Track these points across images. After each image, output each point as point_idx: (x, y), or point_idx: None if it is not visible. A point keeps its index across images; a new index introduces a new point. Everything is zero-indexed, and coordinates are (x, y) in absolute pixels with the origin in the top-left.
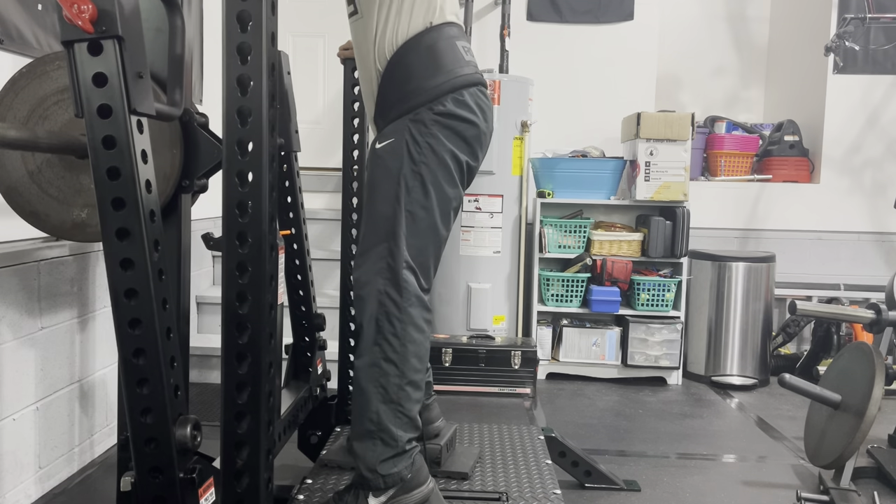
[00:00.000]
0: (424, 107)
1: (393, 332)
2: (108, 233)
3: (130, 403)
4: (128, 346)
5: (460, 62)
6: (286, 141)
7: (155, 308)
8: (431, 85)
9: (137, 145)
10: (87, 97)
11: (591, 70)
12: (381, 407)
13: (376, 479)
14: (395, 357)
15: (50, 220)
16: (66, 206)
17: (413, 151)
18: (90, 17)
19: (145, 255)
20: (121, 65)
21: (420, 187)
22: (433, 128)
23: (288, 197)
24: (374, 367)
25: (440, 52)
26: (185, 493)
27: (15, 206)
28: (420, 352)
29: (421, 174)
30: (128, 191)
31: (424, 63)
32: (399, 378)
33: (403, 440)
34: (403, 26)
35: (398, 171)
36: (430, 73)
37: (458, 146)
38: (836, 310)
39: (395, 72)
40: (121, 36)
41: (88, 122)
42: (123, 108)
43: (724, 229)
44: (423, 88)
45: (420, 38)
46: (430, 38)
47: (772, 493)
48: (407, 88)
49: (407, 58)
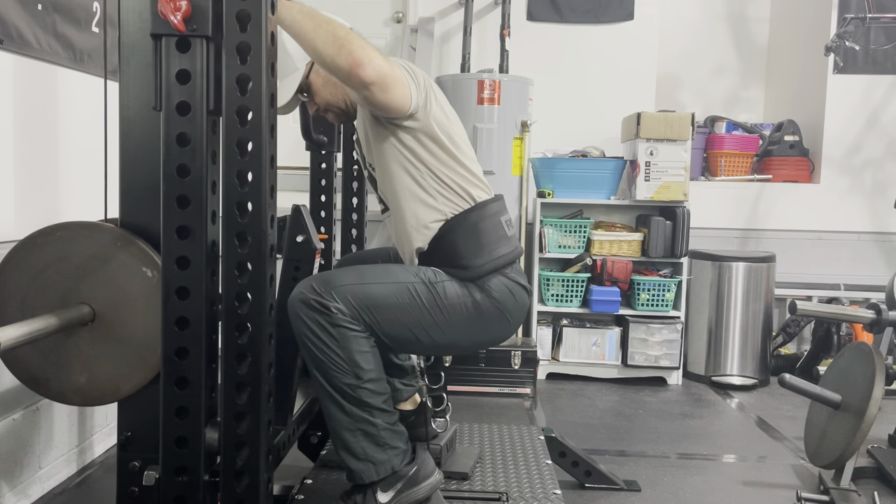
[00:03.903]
0: (474, 283)
1: (331, 337)
2: (169, 229)
3: (166, 402)
4: (172, 345)
5: (502, 240)
6: (328, 140)
7: (204, 309)
8: (477, 263)
9: (209, 145)
10: (168, 92)
11: (591, 70)
12: (350, 407)
13: (368, 469)
14: (342, 363)
15: (50, 386)
16: (67, 373)
17: (456, 290)
18: (184, 14)
19: (202, 256)
20: (206, 65)
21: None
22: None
23: (322, 196)
24: (326, 379)
25: (482, 231)
26: (207, 496)
27: (15, 371)
28: (362, 347)
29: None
30: (194, 190)
31: (468, 242)
32: (354, 379)
33: (381, 425)
34: (442, 209)
35: (429, 279)
36: (475, 253)
37: (478, 335)
38: (836, 310)
39: (439, 247)
40: (210, 36)
41: (165, 117)
42: (202, 107)
43: (724, 229)
44: (468, 266)
45: (465, 217)
46: (475, 217)
47: (772, 493)
48: (454, 264)
49: (451, 235)
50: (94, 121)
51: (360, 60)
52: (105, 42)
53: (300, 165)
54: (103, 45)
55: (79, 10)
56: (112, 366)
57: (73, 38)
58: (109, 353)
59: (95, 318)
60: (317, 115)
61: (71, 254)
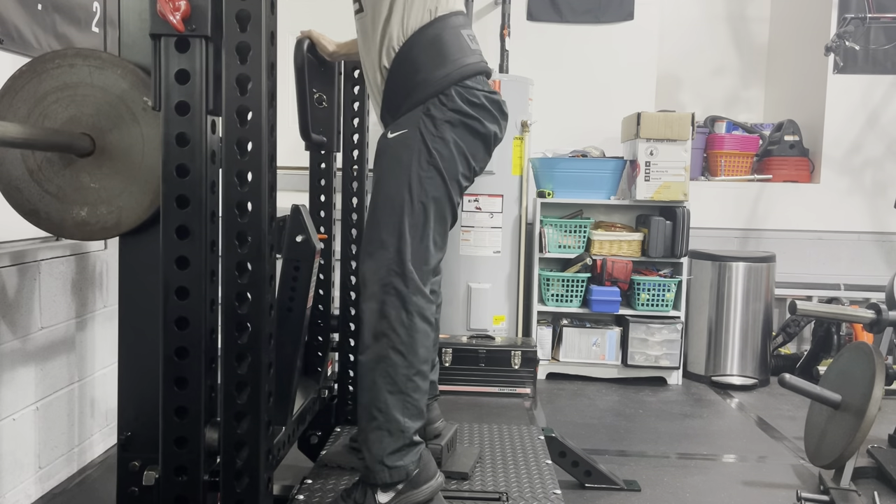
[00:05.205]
0: (434, 99)
1: (400, 321)
2: (169, 229)
3: (166, 402)
4: (171, 345)
5: (465, 51)
6: (328, 140)
7: (204, 309)
8: (439, 76)
9: (209, 146)
10: (167, 92)
11: (591, 70)
12: (389, 398)
13: (382, 472)
14: (402, 348)
15: (50, 219)
16: (67, 205)
17: (428, 141)
18: (183, 14)
19: (202, 256)
20: (205, 64)
21: (432, 179)
22: (445, 126)
23: (322, 196)
24: (382, 359)
25: (445, 42)
26: (207, 496)
27: (15, 204)
28: (427, 342)
29: (435, 165)
30: (194, 190)
31: (430, 55)
32: (407, 368)
33: (410, 431)
34: (408, 19)
35: (409, 162)
36: (437, 64)
37: (470, 145)
38: (837, 310)
39: (401, 66)
40: (209, 36)
41: (164, 117)
42: (202, 107)
43: (724, 229)
44: (430, 80)
45: (425, 31)
46: (435, 29)
47: (772, 493)
48: (414, 81)
49: (413, 51)
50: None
51: None
52: (105, 42)
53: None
54: (103, 45)
55: (79, 10)
56: (113, 198)
57: (73, 38)
58: (110, 186)
59: (95, 150)
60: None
61: (71, 83)
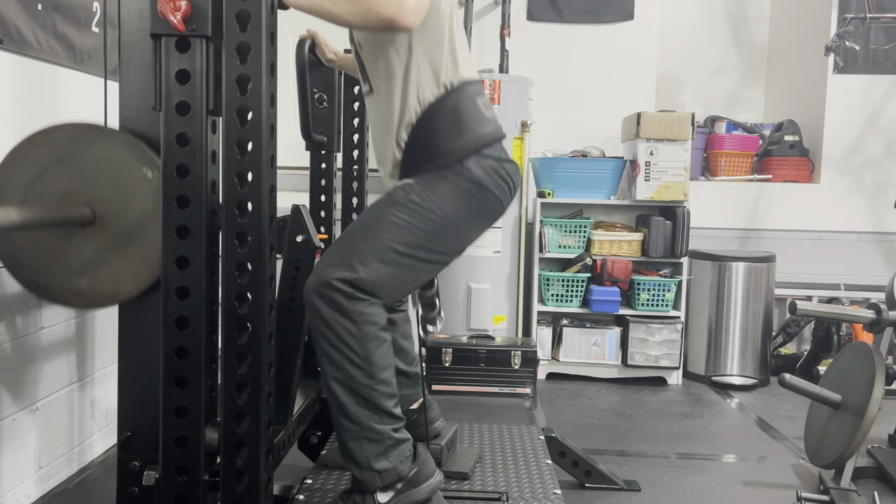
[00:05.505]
0: (451, 168)
1: (349, 332)
2: (169, 229)
3: (166, 402)
4: (171, 345)
5: (481, 120)
6: (329, 140)
7: (204, 309)
8: (456, 146)
9: (209, 145)
10: (168, 92)
11: (591, 70)
12: (358, 410)
13: (373, 478)
14: (357, 359)
15: (51, 290)
16: (67, 276)
17: (432, 196)
18: (183, 14)
19: (202, 255)
20: (205, 64)
21: (418, 217)
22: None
23: (322, 196)
24: (340, 372)
25: (462, 113)
26: (207, 496)
27: (18, 278)
28: (382, 348)
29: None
30: (194, 189)
31: (447, 126)
32: (368, 379)
33: (389, 433)
34: (423, 93)
35: (402, 198)
36: (454, 136)
37: (475, 219)
38: (837, 310)
39: (419, 138)
40: (209, 36)
41: (165, 117)
42: (202, 107)
43: (724, 229)
44: (448, 151)
45: (442, 102)
46: (452, 100)
47: (772, 493)
48: (432, 153)
49: (431, 124)
50: (94, 121)
51: (392, 16)
52: (105, 42)
53: (300, 165)
54: (103, 45)
55: (79, 10)
56: (113, 268)
57: (73, 38)
58: (110, 256)
59: (96, 220)
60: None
61: (70, 155)
